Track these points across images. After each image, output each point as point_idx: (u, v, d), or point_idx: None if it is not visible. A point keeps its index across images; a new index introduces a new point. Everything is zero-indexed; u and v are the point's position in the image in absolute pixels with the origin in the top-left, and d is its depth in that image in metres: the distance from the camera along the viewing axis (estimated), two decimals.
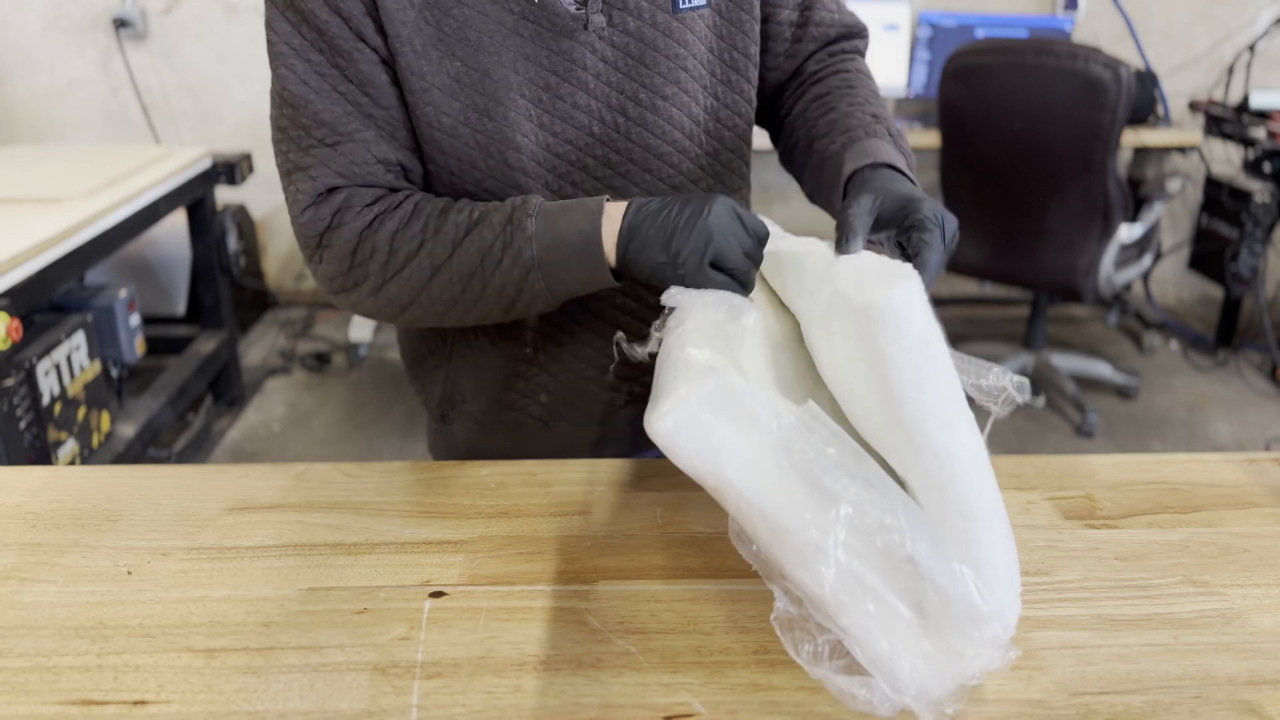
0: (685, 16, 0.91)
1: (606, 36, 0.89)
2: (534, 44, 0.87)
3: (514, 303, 0.86)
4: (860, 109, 0.96)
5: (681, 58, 0.92)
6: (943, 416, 0.63)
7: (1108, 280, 2.76)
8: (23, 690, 0.66)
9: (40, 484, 0.92)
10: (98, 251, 2.15)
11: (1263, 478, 0.94)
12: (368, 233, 0.86)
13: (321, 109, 0.86)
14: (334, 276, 0.88)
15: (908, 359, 0.62)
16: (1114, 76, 2.49)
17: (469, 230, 0.84)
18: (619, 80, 0.91)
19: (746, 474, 0.62)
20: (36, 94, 3.52)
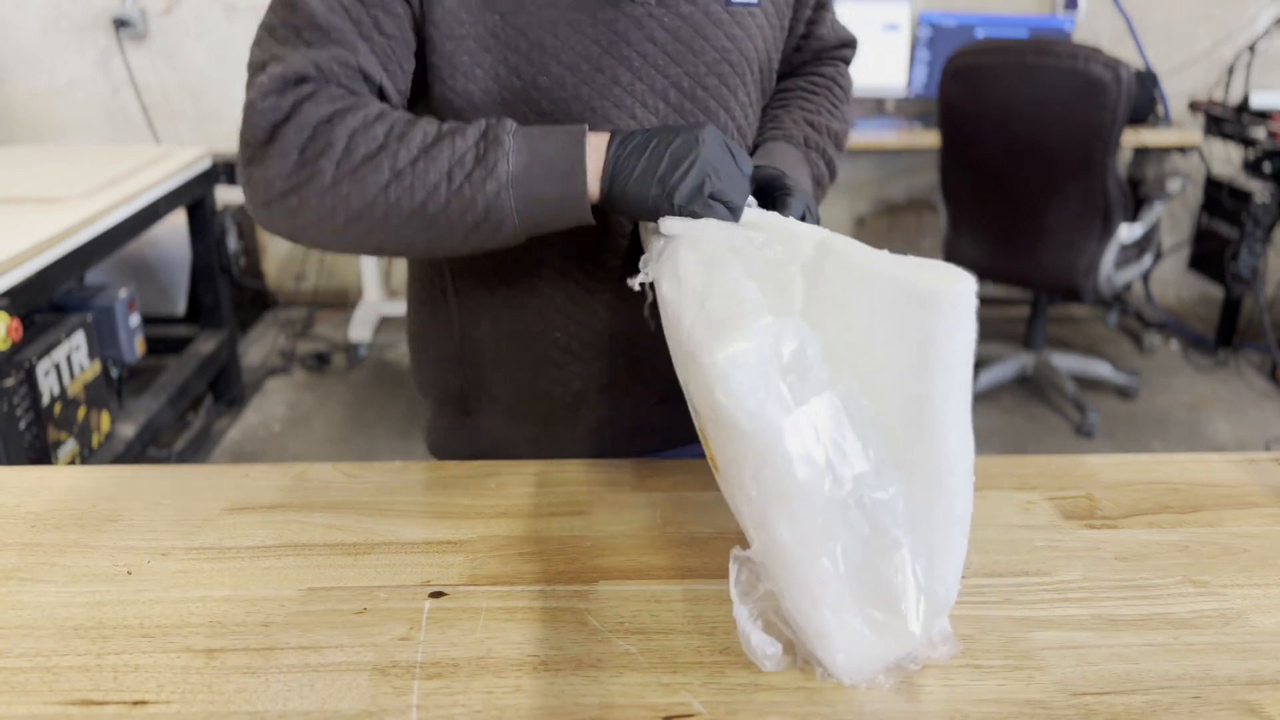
0: (737, 12, 0.91)
1: (658, 16, 0.88)
2: (578, 10, 0.86)
3: (477, 226, 0.79)
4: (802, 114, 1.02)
5: (728, 51, 0.92)
6: (962, 419, 0.64)
7: (1108, 280, 2.76)
8: (23, 690, 0.66)
9: (40, 484, 0.92)
10: (98, 251, 2.15)
11: (1263, 478, 0.94)
12: (324, 126, 0.77)
13: (320, 14, 0.80)
14: (275, 178, 0.78)
15: (955, 357, 0.63)
16: (1114, 76, 2.48)
17: (438, 139, 0.78)
18: (664, 64, 0.89)
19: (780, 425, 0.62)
20: (36, 94, 3.52)
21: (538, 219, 0.80)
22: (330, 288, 3.82)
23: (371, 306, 3.55)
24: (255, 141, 0.78)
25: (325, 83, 0.79)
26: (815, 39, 1.07)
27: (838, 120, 1.05)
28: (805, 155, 1.00)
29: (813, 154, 1.01)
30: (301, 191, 0.78)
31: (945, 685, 0.67)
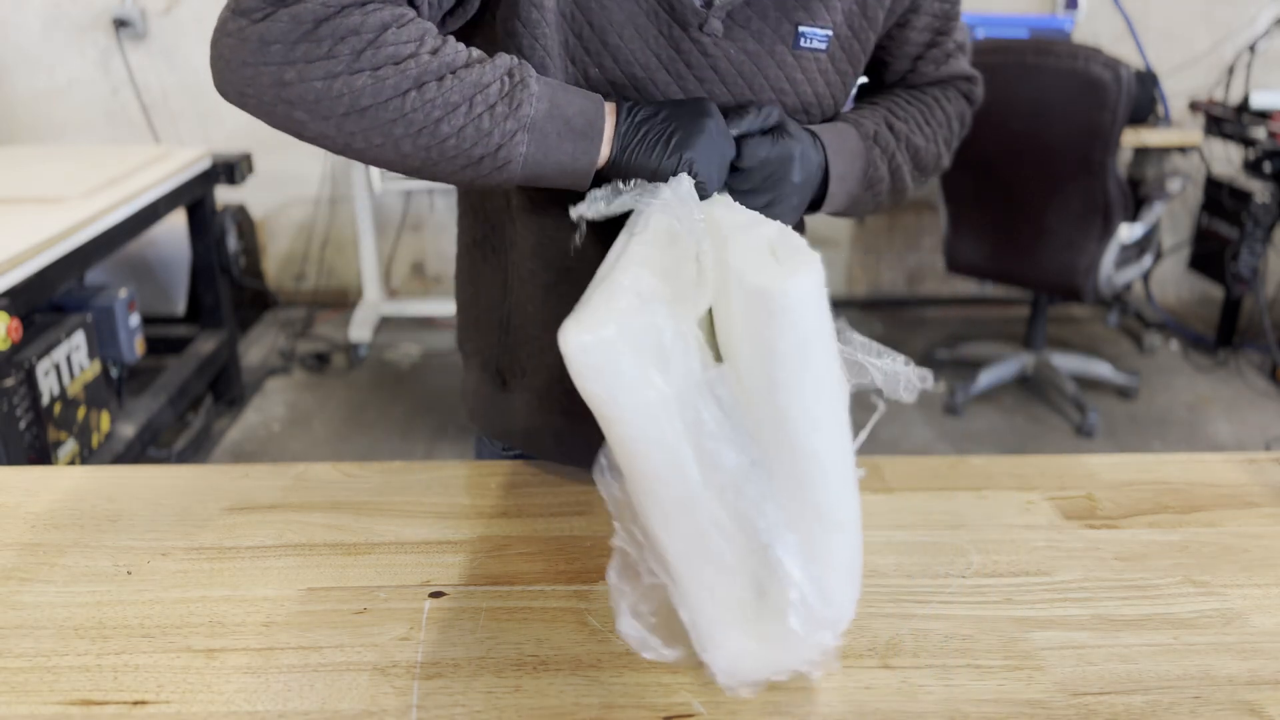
0: (802, 56, 0.91)
1: (722, 48, 0.88)
2: (648, 19, 0.86)
3: (481, 160, 0.76)
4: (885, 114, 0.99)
5: (785, 93, 0.92)
6: (817, 419, 0.62)
7: (1108, 280, 2.76)
8: (22, 690, 0.66)
9: (40, 484, 0.92)
10: (98, 251, 2.15)
11: (1263, 478, 0.94)
12: (354, 9, 0.70)
13: None
14: (276, 43, 0.70)
15: (794, 354, 0.61)
16: (1114, 76, 2.48)
17: (469, 63, 0.75)
18: (720, 94, 0.90)
19: (640, 414, 0.59)
20: (36, 94, 3.52)
21: (542, 171, 0.79)
22: (330, 288, 3.82)
23: (371, 306, 3.55)
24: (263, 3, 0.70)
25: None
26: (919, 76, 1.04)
27: (923, 138, 1.02)
28: (866, 148, 0.96)
29: (876, 150, 0.97)
30: (303, 68, 0.70)
31: (945, 685, 0.67)
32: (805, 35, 0.90)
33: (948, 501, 0.90)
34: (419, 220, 3.76)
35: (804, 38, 0.90)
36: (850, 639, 0.71)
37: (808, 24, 0.89)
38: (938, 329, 3.70)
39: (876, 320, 3.76)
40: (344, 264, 3.81)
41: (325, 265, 3.80)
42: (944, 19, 1.01)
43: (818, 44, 0.91)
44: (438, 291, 3.86)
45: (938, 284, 3.91)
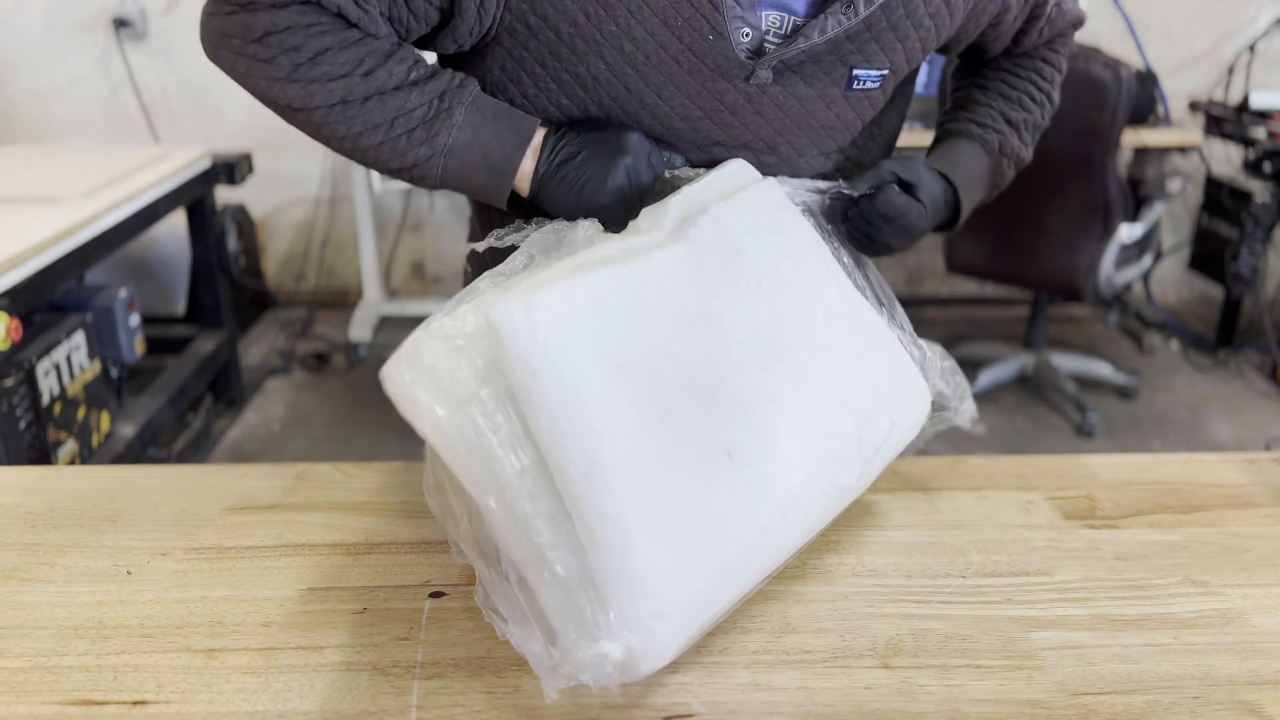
0: (853, 96, 0.90)
1: (772, 94, 0.87)
2: (689, 75, 0.84)
3: (398, 172, 0.84)
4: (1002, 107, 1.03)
5: (835, 130, 0.91)
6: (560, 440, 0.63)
7: (1108, 280, 2.76)
8: (22, 690, 0.66)
9: (40, 484, 0.92)
10: (98, 251, 2.15)
11: (1263, 478, 0.94)
12: (300, 29, 0.78)
13: None
14: (230, 34, 0.79)
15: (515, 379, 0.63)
16: (1114, 76, 2.48)
17: (398, 87, 0.80)
18: (768, 135, 0.89)
19: (440, 444, 0.66)
20: (36, 93, 3.52)
21: (456, 189, 0.85)
22: (330, 288, 3.82)
23: (371, 306, 3.55)
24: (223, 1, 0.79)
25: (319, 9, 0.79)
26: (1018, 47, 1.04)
27: (1037, 106, 1.04)
28: (992, 164, 1.01)
29: (1002, 161, 1.02)
30: (251, 65, 0.79)
31: (945, 685, 0.67)
32: (859, 78, 0.88)
33: (948, 501, 0.90)
34: (419, 220, 3.76)
35: (857, 80, 0.88)
36: (850, 639, 0.71)
37: (863, 67, 0.87)
38: (938, 329, 3.70)
39: None
40: (344, 264, 3.81)
41: (325, 265, 3.80)
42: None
43: (871, 84, 0.89)
44: (438, 291, 3.86)
45: (938, 284, 3.91)
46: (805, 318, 0.79)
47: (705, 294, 0.73)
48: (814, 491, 0.75)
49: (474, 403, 0.65)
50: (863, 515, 0.87)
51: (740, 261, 0.77)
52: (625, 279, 0.69)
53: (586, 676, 0.61)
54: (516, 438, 0.64)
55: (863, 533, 0.85)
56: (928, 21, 0.87)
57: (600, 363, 0.65)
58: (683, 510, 0.66)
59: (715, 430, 0.69)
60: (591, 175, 0.82)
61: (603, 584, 0.62)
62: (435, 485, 0.72)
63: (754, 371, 0.73)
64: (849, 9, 0.81)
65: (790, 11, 0.84)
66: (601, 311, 0.66)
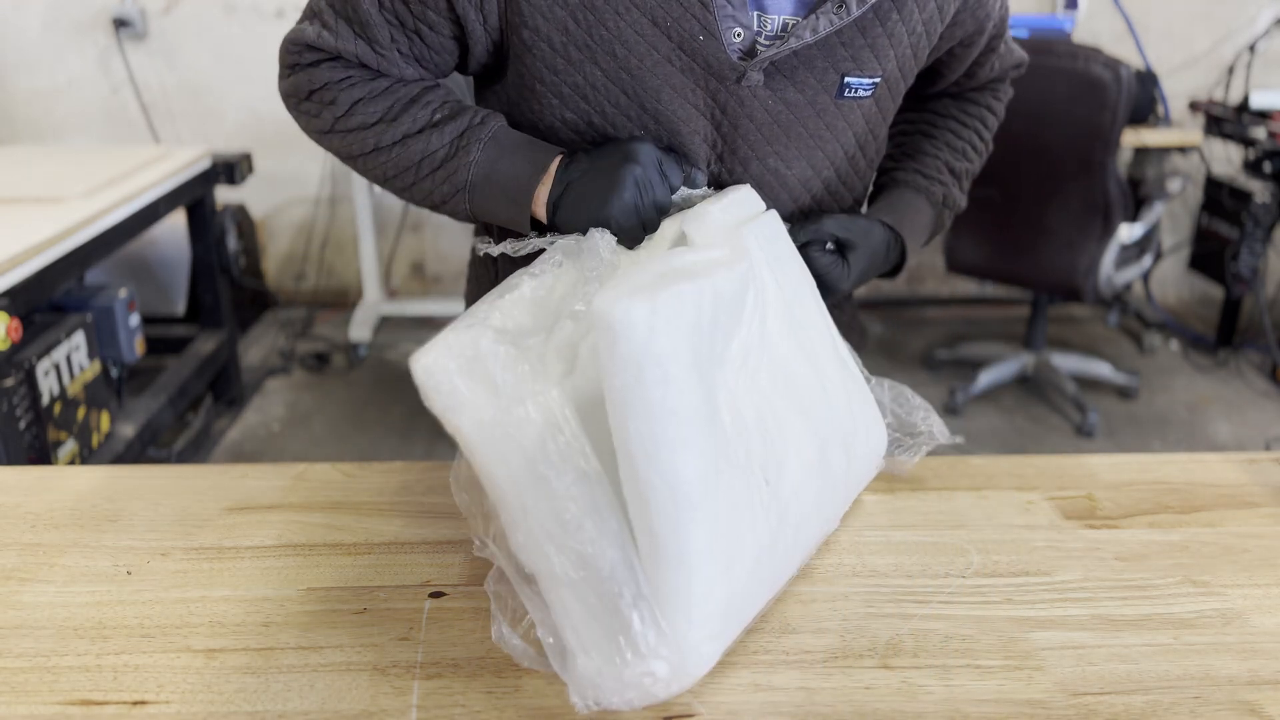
0: (844, 104, 0.90)
1: (762, 98, 0.87)
2: (684, 76, 0.85)
3: (438, 206, 0.90)
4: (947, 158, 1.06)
5: (825, 140, 0.91)
6: (650, 449, 0.60)
7: (1108, 280, 2.76)
8: (22, 690, 0.66)
9: (40, 484, 0.92)
10: (98, 251, 2.15)
11: (1263, 478, 0.94)
12: (334, 86, 0.88)
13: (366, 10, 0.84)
14: (289, 95, 0.91)
15: (619, 380, 0.60)
16: (1114, 76, 2.48)
17: (420, 131, 0.87)
18: (756, 141, 0.89)
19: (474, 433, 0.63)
20: (36, 93, 3.52)
21: (486, 220, 0.90)
22: (330, 288, 3.82)
23: (371, 306, 3.55)
24: (285, 64, 0.90)
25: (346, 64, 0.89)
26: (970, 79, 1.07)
27: (979, 156, 1.09)
28: (935, 214, 1.04)
29: (945, 212, 1.05)
30: (305, 121, 0.91)
31: (945, 685, 0.67)
32: (850, 85, 0.88)
33: (948, 501, 0.90)
34: (419, 220, 3.76)
35: (849, 88, 0.88)
36: (850, 639, 0.71)
37: (855, 74, 0.87)
38: (938, 329, 3.70)
39: (876, 320, 3.76)
40: (344, 264, 3.81)
41: (325, 265, 3.80)
42: (1000, 24, 1.00)
43: (863, 93, 0.89)
44: (437, 291, 3.86)
45: (938, 284, 3.91)
46: (810, 350, 0.80)
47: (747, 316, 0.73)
48: (815, 520, 0.77)
49: (531, 400, 0.62)
50: (863, 515, 0.87)
51: (765, 288, 0.77)
52: (710, 293, 0.66)
53: (631, 695, 0.60)
54: (576, 441, 0.62)
55: (863, 533, 0.85)
56: (920, 27, 0.88)
57: (692, 374, 0.63)
58: (733, 532, 0.66)
59: (754, 454, 0.69)
60: (601, 189, 0.82)
61: (660, 600, 0.61)
62: (468, 480, 0.69)
63: (776, 399, 0.73)
64: (840, 8, 0.81)
65: (782, 12, 0.84)
66: (695, 323, 0.64)
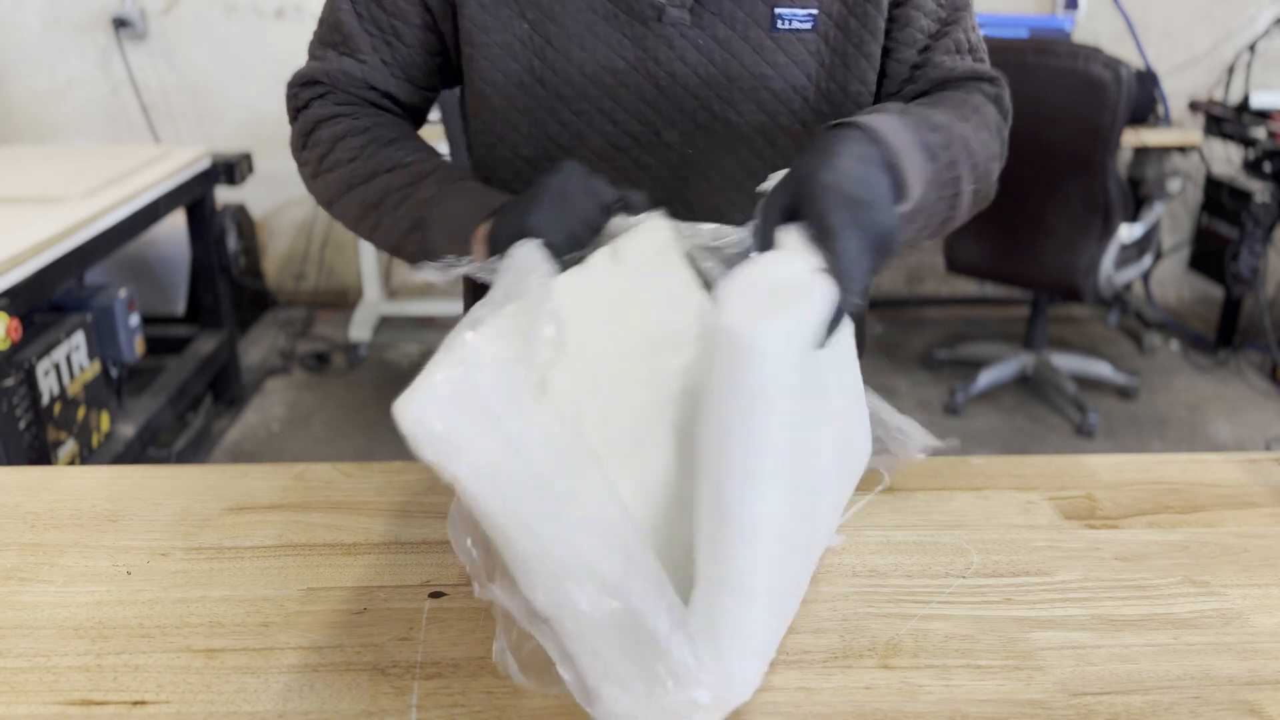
0: (781, 38, 0.86)
1: (690, 37, 0.85)
2: (608, 24, 0.85)
3: (399, 249, 0.88)
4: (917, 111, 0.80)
5: (768, 78, 0.88)
6: (748, 475, 0.58)
7: (1108, 280, 2.76)
8: (22, 690, 0.66)
9: (40, 484, 0.92)
10: (97, 251, 2.15)
11: (1263, 478, 0.94)
12: (323, 125, 0.92)
13: (345, 19, 0.91)
14: (294, 144, 0.95)
15: (734, 405, 0.57)
16: (1114, 76, 2.48)
17: (390, 169, 0.88)
18: (696, 85, 0.87)
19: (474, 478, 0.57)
20: (36, 94, 3.52)
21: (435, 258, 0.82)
22: (330, 288, 3.82)
23: (371, 306, 3.55)
24: (289, 111, 0.96)
25: (334, 88, 0.93)
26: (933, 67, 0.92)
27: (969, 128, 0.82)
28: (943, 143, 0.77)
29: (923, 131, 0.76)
30: (303, 168, 0.95)
31: (945, 685, 0.67)
32: (782, 17, 0.86)
33: (948, 501, 0.90)
34: None
35: (780, 19, 0.86)
36: (850, 639, 0.71)
37: (784, 5, 0.86)
38: (938, 329, 3.70)
39: (876, 320, 3.76)
40: (344, 264, 3.81)
41: (325, 265, 3.80)
42: (950, 8, 0.93)
43: (800, 24, 0.86)
44: (437, 292, 3.85)
45: (938, 284, 3.91)
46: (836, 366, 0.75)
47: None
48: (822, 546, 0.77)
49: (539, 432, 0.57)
50: (863, 515, 0.87)
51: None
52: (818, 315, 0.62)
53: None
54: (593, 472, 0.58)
55: (863, 532, 0.85)
56: None
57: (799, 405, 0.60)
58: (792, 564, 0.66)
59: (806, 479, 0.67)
60: (523, 204, 0.75)
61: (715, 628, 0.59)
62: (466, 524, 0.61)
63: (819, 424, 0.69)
64: None
65: None
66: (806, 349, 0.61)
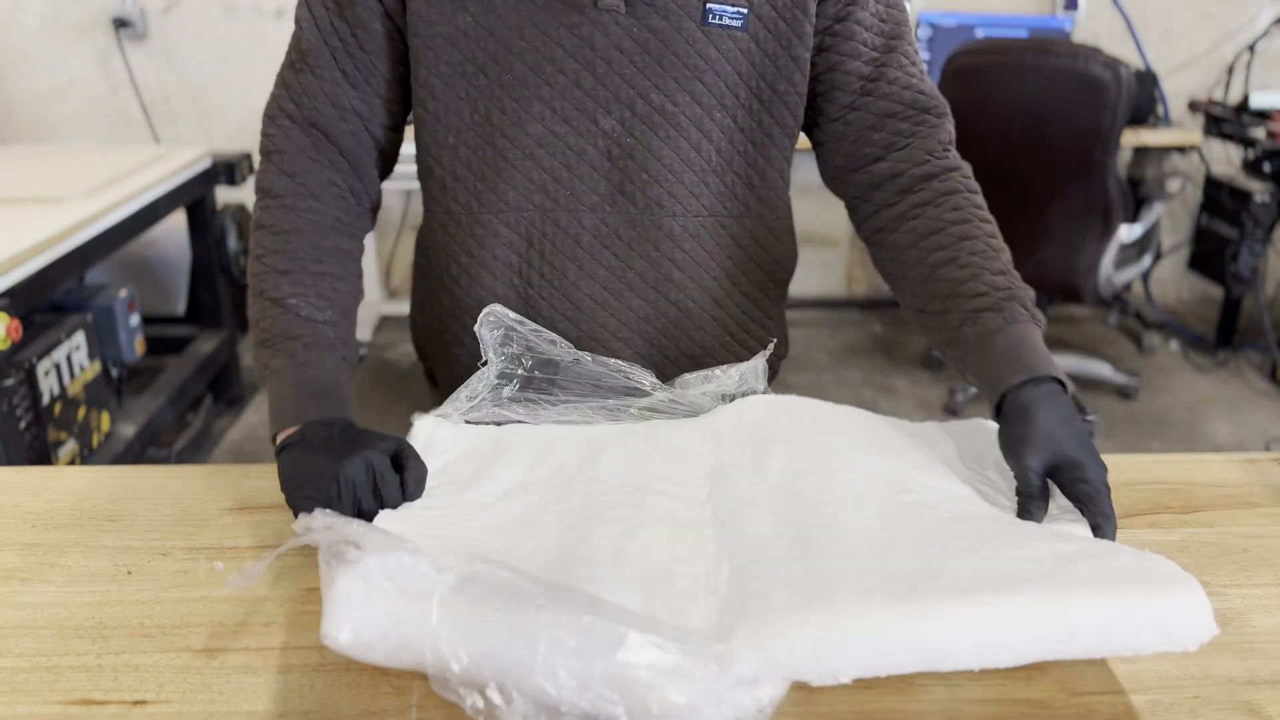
0: (713, 32, 0.90)
1: (625, 26, 0.89)
2: (545, 13, 0.88)
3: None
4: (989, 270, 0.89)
5: (700, 70, 0.92)
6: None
7: (1108, 280, 2.76)
8: (23, 690, 0.66)
9: (40, 484, 0.92)
10: (98, 251, 2.15)
11: (1263, 478, 0.94)
12: (262, 197, 0.95)
13: (306, 36, 0.94)
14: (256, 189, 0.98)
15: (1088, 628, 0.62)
16: (1114, 76, 2.48)
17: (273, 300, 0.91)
18: (631, 74, 0.91)
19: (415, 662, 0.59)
20: (36, 94, 3.52)
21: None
22: None
23: (371, 306, 3.55)
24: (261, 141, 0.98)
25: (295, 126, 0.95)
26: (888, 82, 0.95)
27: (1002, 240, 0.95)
28: (1033, 317, 0.88)
29: (1029, 304, 0.89)
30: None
31: (945, 685, 0.67)
32: (713, 11, 0.90)
33: None
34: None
35: (712, 14, 0.90)
36: None
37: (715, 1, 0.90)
38: None
39: (876, 321, 3.76)
40: None
41: None
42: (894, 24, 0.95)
43: (729, 20, 0.90)
44: None
45: None
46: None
47: None
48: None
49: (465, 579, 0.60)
50: None
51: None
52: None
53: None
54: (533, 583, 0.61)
55: None
56: None
57: None
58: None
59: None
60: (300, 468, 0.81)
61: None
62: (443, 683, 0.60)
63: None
64: None
65: None
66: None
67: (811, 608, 0.63)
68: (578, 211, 0.96)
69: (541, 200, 0.96)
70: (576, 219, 0.96)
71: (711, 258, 1.00)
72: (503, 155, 0.94)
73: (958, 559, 0.68)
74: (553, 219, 0.96)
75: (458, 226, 1.00)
